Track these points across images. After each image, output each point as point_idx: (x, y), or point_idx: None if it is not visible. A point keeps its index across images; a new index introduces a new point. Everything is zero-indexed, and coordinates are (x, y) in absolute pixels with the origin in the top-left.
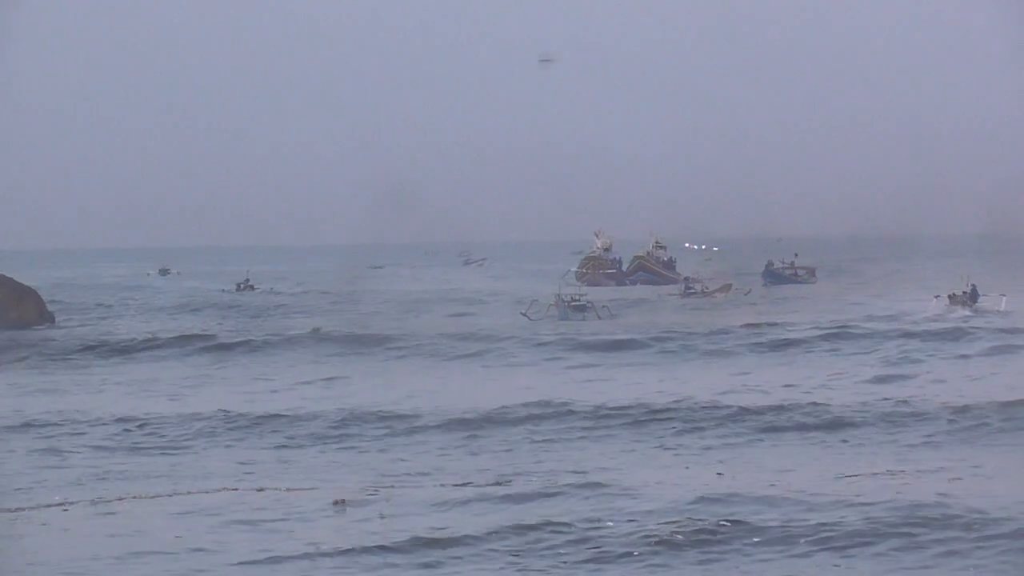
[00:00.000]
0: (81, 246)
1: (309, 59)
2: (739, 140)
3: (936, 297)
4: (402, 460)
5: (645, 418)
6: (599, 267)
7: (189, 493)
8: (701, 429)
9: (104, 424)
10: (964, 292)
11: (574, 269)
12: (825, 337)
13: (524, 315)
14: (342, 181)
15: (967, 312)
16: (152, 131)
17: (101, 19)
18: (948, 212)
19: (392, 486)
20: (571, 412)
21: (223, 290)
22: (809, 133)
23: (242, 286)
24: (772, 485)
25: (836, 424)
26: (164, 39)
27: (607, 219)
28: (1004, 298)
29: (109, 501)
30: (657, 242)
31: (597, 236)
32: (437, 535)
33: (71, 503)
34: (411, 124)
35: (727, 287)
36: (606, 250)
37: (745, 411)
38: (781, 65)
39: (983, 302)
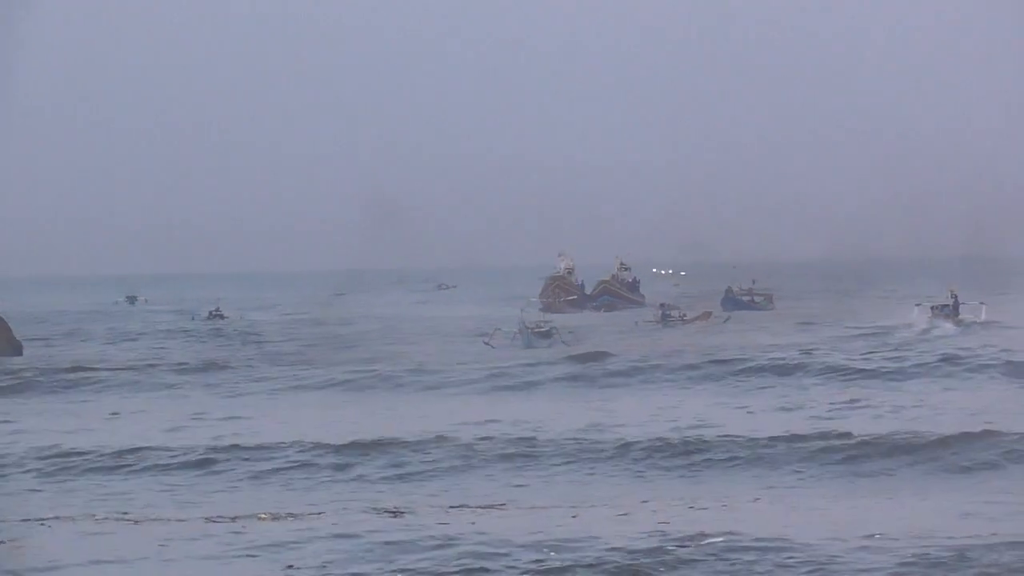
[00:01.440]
0: (35, 273)
1: (287, 75)
2: (719, 162)
3: (918, 305)
4: None
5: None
6: (561, 288)
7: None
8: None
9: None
10: (946, 304)
11: (533, 299)
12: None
13: (487, 343)
14: (317, 206)
15: (949, 324)
16: (112, 157)
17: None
18: (929, 233)
19: None
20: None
21: (193, 318)
22: (787, 152)
23: (213, 314)
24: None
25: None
26: (119, 67)
27: (585, 244)
28: (984, 307)
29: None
30: (622, 264)
31: (560, 257)
32: None
33: None
34: (395, 148)
35: (707, 315)
36: (569, 272)
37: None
38: (760, 80)
39: (964, 312)
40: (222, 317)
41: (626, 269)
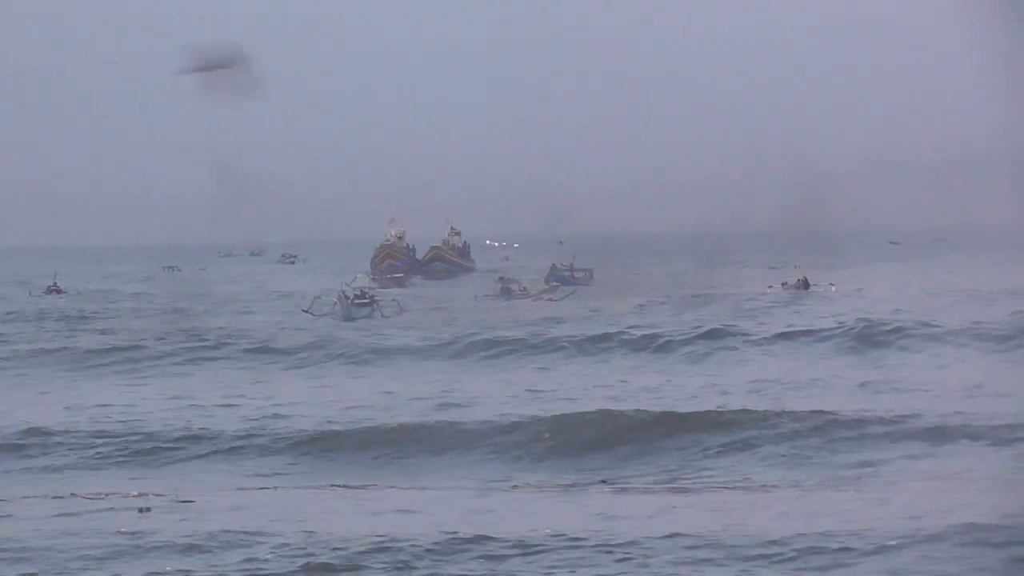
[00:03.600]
0: None
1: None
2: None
3: (770, 287)
4: None
5: None
6: (391, 257)
7: None
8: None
9: None
10: (798, 280)
11: (360, 273)
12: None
13: (307, 312)
14: (158, 176)
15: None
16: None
17: None
18: (758, 207)
19: None
20: None
21: (30, 293)
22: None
23: (51, 289)
24: None
25: None
26: None
27: (429, 214)
28: (833, 287)
29: None
30: (452, 228)
31: (390, 224)
32: None
33: None
34: (246, 117)
35: (554, 288)
36: (400, 238)
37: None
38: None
39: (814, 292)
40: (60, 292)
41: (456, 234)
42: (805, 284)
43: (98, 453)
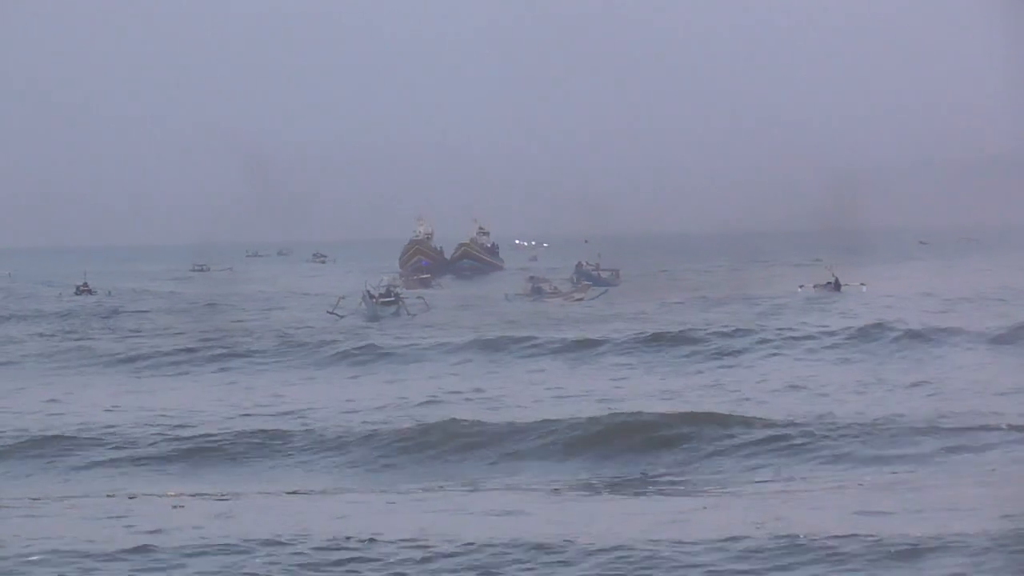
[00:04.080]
0: None
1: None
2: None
3: (800, 287)
4: None
5: None
6: (420, 253)
7: None
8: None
9: None
10: (828, 283)
11: (386, 275)
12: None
13: (332, 313)
14: (183, 176)
15: (835, 295)
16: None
17: None
18: (789, 209)
19: None
20: None
21: (60, 294)
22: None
23: (81, 289)
24: None
25: None
26: None
27: (460, 215)
28: (864, 287)
29: None
30: (480, 228)
31: (419, 222)
32: None
33: None
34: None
35: (585, 288)
36: (428, 237)
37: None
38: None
39: (845, 292)
40: (90, 292)
41: (484, 233)
42: (836, 284)
43: (134, 453)
